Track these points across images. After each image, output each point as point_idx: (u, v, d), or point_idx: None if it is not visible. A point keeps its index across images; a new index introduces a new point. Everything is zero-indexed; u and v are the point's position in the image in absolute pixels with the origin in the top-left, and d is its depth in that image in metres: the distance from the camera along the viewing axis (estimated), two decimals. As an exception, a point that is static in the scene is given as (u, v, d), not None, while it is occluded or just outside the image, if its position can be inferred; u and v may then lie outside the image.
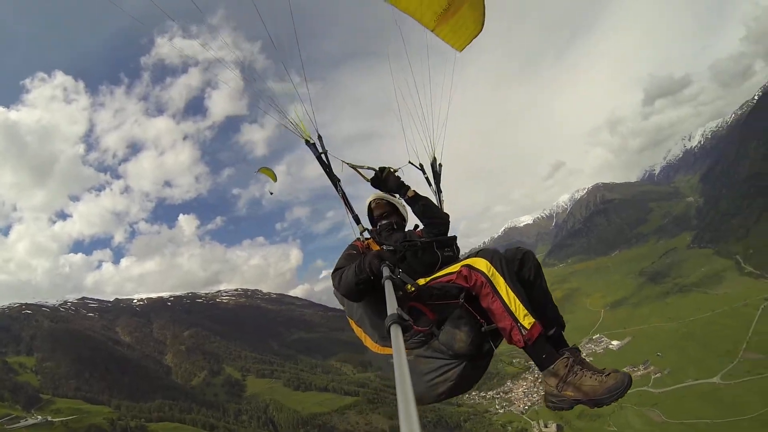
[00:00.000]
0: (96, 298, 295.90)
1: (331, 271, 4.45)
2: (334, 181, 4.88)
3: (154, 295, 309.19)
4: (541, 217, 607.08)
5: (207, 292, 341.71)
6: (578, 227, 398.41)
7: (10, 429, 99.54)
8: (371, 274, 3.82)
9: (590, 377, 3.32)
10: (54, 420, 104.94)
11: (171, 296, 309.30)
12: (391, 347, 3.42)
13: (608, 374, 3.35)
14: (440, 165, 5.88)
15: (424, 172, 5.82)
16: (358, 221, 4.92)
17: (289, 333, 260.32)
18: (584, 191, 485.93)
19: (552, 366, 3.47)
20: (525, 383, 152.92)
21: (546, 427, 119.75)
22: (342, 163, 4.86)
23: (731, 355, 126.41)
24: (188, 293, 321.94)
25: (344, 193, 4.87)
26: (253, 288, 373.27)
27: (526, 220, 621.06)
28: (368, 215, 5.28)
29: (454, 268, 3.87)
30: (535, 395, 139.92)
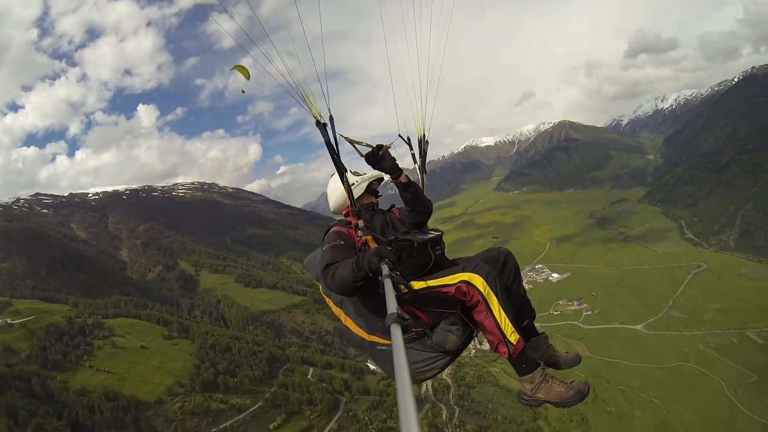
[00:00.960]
0: (50, 193, 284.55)
1: (323, 265, 4.38)
2: (341, 170, 4.73)
3: (109, 189, 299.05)
4: (503, 141, 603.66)
5: (164, 185, 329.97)
6: (538, 158, 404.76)
7: None
8: (370, 272, 3.89)
9: (558, 385, 4.09)
10: (13, 322, 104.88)
11: (127, 189, 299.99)
12: (381, 337, 4.60)
13: (572, 382, 4.16)
14: (427, 142, 5.81)
15: (411, 147, 5.78)
16: (359, 215, 4.67)
17: (243, 229, 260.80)
18: (550, 125, 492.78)
19: (530, 375, 4.13)
20: None
21: (480, 344, 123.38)
22: (339, 136, 4.71)
23: (657, 308, 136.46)
24: (145, 186, 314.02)
25: (350, 185, 4.78)
26: (210, 182, 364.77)
27: (488, 141, 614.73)
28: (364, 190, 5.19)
29: (452, 279, 4.12)
30: None
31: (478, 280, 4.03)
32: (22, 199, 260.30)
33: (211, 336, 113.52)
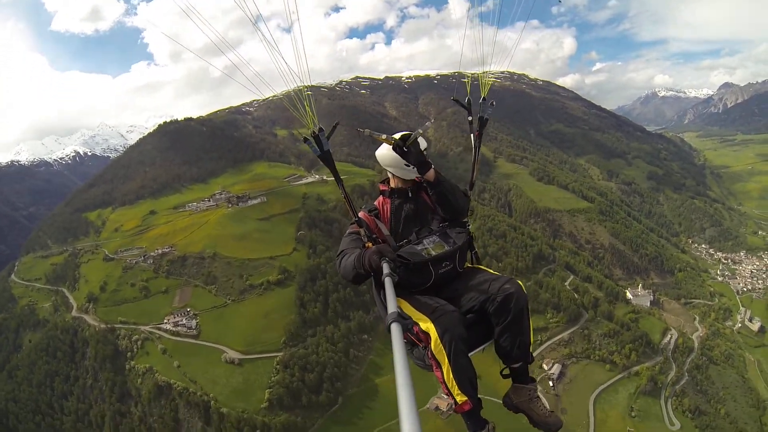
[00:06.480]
0: (368, 76, 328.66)
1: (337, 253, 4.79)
2: (339, 181, 4.92)
3: (422, 74, 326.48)
4: None
5: (474, 72, 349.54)
6: None
7: (295, 184, 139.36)
8: (370, 270, 4.16)
9: None
10: (327, 179, 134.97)
11: (438, 75, 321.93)
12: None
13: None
14: (493, 104, 5.58)
15: (470, 113, 5.55)
16: (360, 225, 4.78)
17: (547, 123, 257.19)
18: None
19: None
20: (758, 263, 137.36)
21: (750, 321, 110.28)
22: (363, 131, 4.97)
23: None
24: (455, 73, 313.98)
25: (347, 194, 4.85)
26: (520, 72, 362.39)
27: None
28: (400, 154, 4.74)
29: (418, 317, 4.18)
30: (760, 282, 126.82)
31: (432, 334, 4.03)
32: (344, 81, 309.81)
33: (491, 220, 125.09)
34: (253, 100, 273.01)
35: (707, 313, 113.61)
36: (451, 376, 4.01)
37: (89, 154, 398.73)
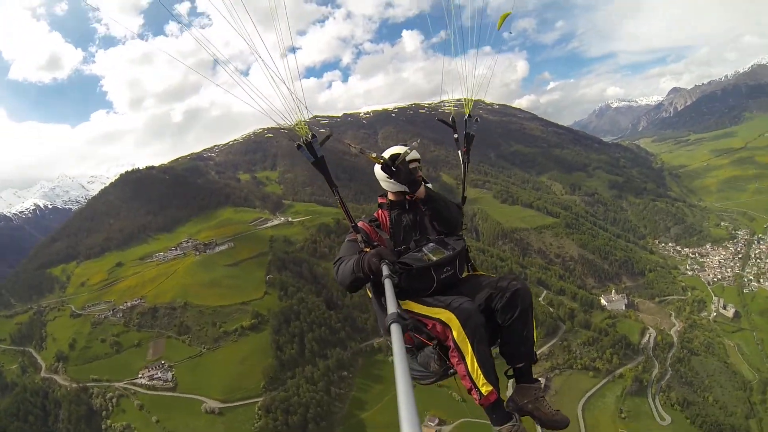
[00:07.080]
0: (327, 114, 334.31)
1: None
2: (334, 188, 4.99)
3: (379, 108, 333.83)
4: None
5: (430, 102, 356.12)
6: None
7: (261, 228, 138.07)
8: (370, 273, 4.14)
9: None
10: (293, 220, 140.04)
11: (396, 108, 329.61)
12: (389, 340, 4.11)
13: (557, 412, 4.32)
14: (477, 120, 5.77)
15: (455, 131, 5.69)
16: (357, 230, 4.80)
17: (507, 145, 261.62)
18: None
19: (500, 427, 4.12)
20: (724, 253, 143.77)
21: (724, 308, 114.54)
22: (354, 147, 5.15)
23: None
24: (412, 105, 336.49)
25: (342, 201, 4.95)
26: (475, 98, 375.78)
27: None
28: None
29: (434, 313, 4.18)
30: (728, 270, 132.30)
31: (454, 324, 4.04)
32: (303, 121, 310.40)
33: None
34: (215, 146, 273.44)
35: (682, 307, 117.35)
36: (476, 365, 3.97)
37: (50, 206, 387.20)
